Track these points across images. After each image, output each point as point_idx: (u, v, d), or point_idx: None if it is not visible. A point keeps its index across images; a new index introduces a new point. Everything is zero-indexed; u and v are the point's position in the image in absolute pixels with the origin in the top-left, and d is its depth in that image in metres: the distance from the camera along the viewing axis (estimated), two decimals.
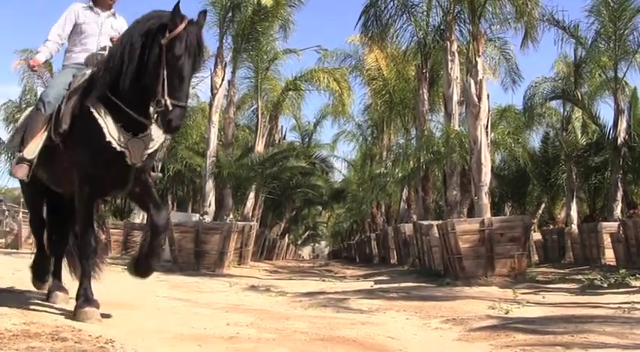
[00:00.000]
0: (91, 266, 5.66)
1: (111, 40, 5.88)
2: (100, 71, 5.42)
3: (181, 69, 4.94)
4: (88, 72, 5.71)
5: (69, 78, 5.86)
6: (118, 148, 5.21)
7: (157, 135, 5.53)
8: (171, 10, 5.03)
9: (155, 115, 5.08)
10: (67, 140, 5.42)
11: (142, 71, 5.08)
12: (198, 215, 19.30)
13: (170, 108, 4.80)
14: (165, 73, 4.89)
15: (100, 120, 5.20)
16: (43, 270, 6.66)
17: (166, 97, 4.81)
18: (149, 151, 5.50)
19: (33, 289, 7.10)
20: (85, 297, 5.41)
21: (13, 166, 5.69)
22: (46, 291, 6.47)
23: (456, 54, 15.96)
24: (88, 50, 6.08)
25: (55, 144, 5.51)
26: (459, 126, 16.65)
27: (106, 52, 5.81)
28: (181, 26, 4.96)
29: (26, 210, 29.93)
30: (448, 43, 15.94)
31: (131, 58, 5.12)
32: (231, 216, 18.66)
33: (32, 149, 5.56)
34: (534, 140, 26.87)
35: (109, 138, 5.18)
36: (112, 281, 7.22)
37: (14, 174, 5.60)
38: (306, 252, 79.69)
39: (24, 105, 26.86)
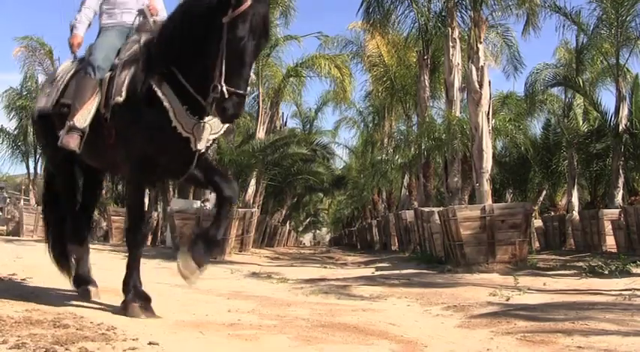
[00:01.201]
0: (140, 256, 5.28)
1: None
2: (158, 44, 5.01)
3: (243, 52, 4.42)
4: (142, 39, 5.23)
5: (117, 41, 5.47)
6: (184, 134, 4.87)
7: None
8: None
9: (212, 101, 4.57)
10: (119, 115, 5.01)
11: (201, 51, 4.65)
12: (199, 202, 19.33)
13: (226, 95, 4.33)
14: (224, 55, 4.40)
15: (166, 102, 4.81)
16: (66, 255, 6.22)
17: (223, 83, 4.34)
18: (215, 136, 5.18)
19: (35, 276, 7.12)
20: (135, 291, 5.09)
21: (62, 137, 5.14)
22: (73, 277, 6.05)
23: (458, 40, 15.91)
24: (131, 10, 5.66)
25: (100, 117, 5.15)
26: (461, 112, 16.63)
27: (160, 17, 5.49)
28: (247, 3, 4.41)
29: (27, 197, 30.04)
30: (450, 29, 15.89)
31: (190, 35, 4.71)
32: None
33: (84, 117, 5.12)
34: (535, 127, 26.83)
35: (175, 123, 4.82)
36: (112, 268, 7.24)
37: (66, 144, 5.10)
38: (307, 238, 79.85)
39: (25, 93, 26.90)
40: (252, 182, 23.07)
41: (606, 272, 9.72)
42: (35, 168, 28.64)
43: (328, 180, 34.92)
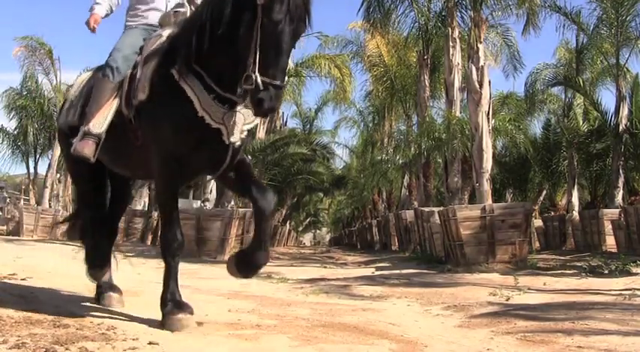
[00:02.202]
0: (177, 266, 4.81)
1: None
2: (181, 33, 4.61)
3: (279, 38, 3.96)
4: (165, 33, 4.84)
5: (139, 40, 5.04)
6: (213, 124, 4.42)
7: None
8: None
9: (243, 93, 4.24)
10: (144, 113, 4.64)
11: (231, 37, 4.19)
12: (199, 202, 19.34)
13: (261, 87, 3.87)
14: (258, 41, 3.94)
15: (189, 91, 4.40)
16: (100, 257, 5.74)
17: (257, 73, 3.87)
18: (250, 126, 4.68)
19: (34, 276, 7.12)
20: (174, 302, 4.65)
21: (76, 143, 4.75)
22: (102, 283, 5.64)
23: (458, 40, 15.94)
24: (158, 9, 5.25)
25: (123, 120, 4.77)
26: (461, 112, 16.67)
27: (183, 9, 5.07)
28: None
29: (27, 197, 30.02)
30: (450, 29, 15.91)
31: (219, 20, 4.22)
32: (232, 203, 18.66)
33: (100, 122, 4.73)
34: (536, 127, 26.90)
35: (201, 112, 4.39)
36: (112, 268, 7.22)
37: (79, 152, 4.69)
38: (307, 238, 79.86)
39: (25, 93, 26.89)
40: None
41: (606, 272, 9.72)
42: (35, 168, 28.68)
43: (328, 180, 34.95)
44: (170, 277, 4.74)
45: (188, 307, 4.66)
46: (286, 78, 4.30)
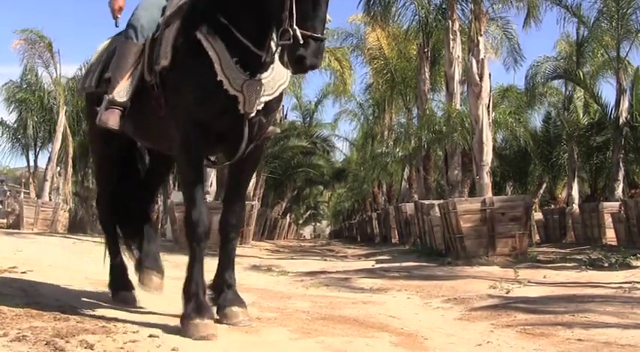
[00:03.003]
0: (203, 252, 4.32)
1: None
2: None
3: None
4: None
5: None
6: (231, 91, 4.02)
7: (280, 77, 4.31)
8: None
9: (278, 50, 3.73)
10: (167, 80, 4.24)
11: None
12: None
13: (301, 40, 3.46)
14: None
15: (212, 53, 4.00)
16: (122, 275, 5.38)
17: (295, 26, 3.46)
18: (268, 98, 4.25)
19: (35, 269, 7.10)
20: (195, 302, 4.13)
21: (101, 114, 4.43)
22: (130, 300, 5.21)
23: (458, 33, 15.91)
24: None
25: (148, 86, 4.39)
26: (461, 105, 16.63)
27: None
28: None
29: (27, 190, 30.06)
30: (450, 22, 15.87)
31: None
32: None
33: (124, 89, 4.42)
34: (536, 120, 26.86)
35: (220, 76, 3.99)
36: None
37: (104, 122, 4.38)
38: (307, 231, 79.98)
39: (24, 86, 26.87)
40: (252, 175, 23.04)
41: (606, 265, 9.72)
42: (35, 161, 28.69)
43: (328, 173, 34.98)
44: (194, 266, 4.25)
45: (209, 310, 4.20)
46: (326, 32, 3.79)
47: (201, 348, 3.76)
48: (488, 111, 13.14)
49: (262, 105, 4.22)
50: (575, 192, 21.85)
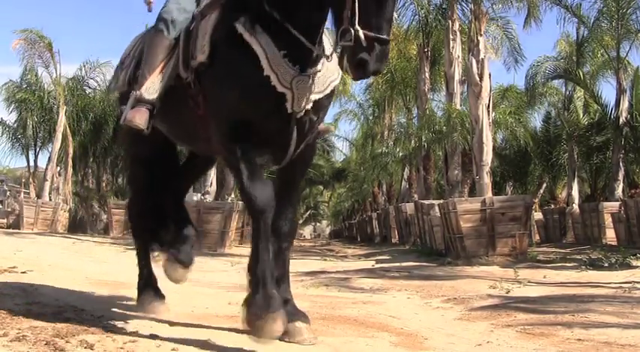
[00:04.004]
0: (269, 227, 3.67)
1: None
2: None
3: None
4: None
5: None
6: (279, 87, 3.59)
7: (331, 73, 3.85)
8: None
9: (337, 51, 3.40)
10: (204, 77, 3.85)
11: None
12: (199, 194, 19.32)
13: (364, 42, 3.07)
14: None
15: (256, 46, 3.59)
16: (151, 284, 4.95)
17: (357, 27, 3.07)
18: (318, 96, 3.79)
19: (35, 269, 7.11)
20: (265, 293, 3.58)
21: (127, 112, 4.07)
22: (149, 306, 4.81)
23: (458, 33, 15.92)
24: None
25: (183, 83, 4.00)
26: (461, 105, 16.65)
27: None
28: None
29: (27, 190, 30.05)
30: (450, 22, 15.90)
31: None
32: (232, 196, 18.66)
33: (154, 85, 4.05)
34: (536, 119, 26.85)
35: (267, 71, 3.56)
36: (112, 260, 7.25)
37: (130, 121, 4.00)
38: (307, 231, 79.84)
39: (24, 86, 26.86)
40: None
41: (606, 264, 9.73)
42: (35, 161, 28.67)
43: (328, 173, 35.00)
44: (259, 243, 3.65)
45: (279, 303, 3.61)
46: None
47: (202, 348, 3.76)
48: (489, 111, 13.14)
49: (311, 103, 3.78)
50: (575, 192, 21.84)
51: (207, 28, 3.85)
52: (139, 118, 3.99)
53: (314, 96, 3.75)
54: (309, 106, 3.75)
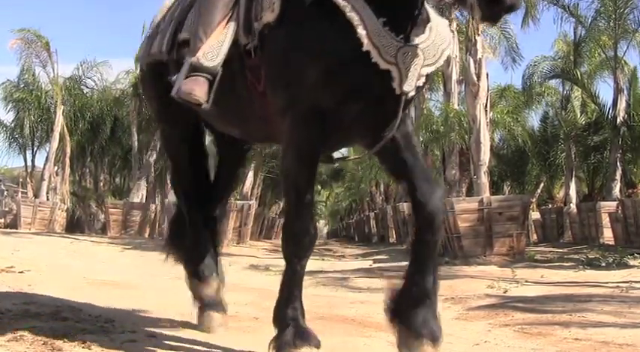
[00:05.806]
0: (304, 269, 3.36)
1: None
2: None
3: None
4: None
5: None
6: (382, 64, 2.86)
7: (442, 41, 3.15)
8: None
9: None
10: (271, 41, 3.08)
11: None
12: None
13: None
14: None
15: (350, 12, 2.84)
16: (200, 259, 4.48)
17: None
18: (430, 69, 3.07)
19: (32, 268, 7.10)
20: (296, 327, 3.26)
21: (179, 82, 3.23)
22: (205, 298, 4.43)
23: (456, 33, 15.89)
24: None
25: (239, 51, 3.24)
26: (458, 105, 16.66)
27: None
28: None
29: (24, 190, 30.04)
30: (447, 21, 15.89)
31: None
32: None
33: (214, 50, 3.20)
34: (533, 119, 26.85)
35: (367, 45, 2.82)
36: (110, 260, 7.24)
37: (186, 93, 3.17)
38: None
39: (22, 85, 26.85)
40: (250, 174, 23.03)
41: (604, 264, 9.74)
42: (33, 161, 28.67)
43: (326, 172, 34.89)
44: (294, 285, 3.34)
45: (315, 338, 3.31)
46: None
47: (201, 348, 3.75)
48: (486, 111, 13.14)
49: (424, 79, 3.09)
50: (572, 192, 21.86)
51: None
52: (199, 90, 3.17)
53: (425, 70, 3.04)
54: (420, 83, 3.07)
